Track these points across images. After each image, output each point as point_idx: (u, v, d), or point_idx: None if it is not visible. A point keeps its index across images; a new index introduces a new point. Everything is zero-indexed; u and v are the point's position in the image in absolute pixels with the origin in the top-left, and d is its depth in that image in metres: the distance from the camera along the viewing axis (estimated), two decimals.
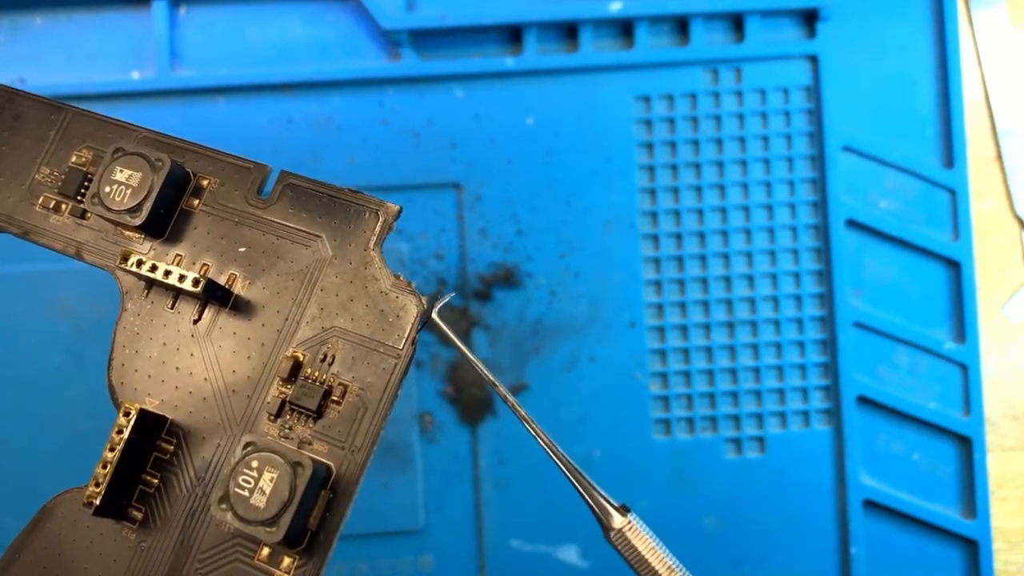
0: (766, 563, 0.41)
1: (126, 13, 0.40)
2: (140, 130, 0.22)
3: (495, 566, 0.40)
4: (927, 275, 0.41)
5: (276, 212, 0.21)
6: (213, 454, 0.19)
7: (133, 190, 0.20)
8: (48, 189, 0.22)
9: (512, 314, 0.40)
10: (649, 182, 0.41)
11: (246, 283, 0.20)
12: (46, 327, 0.39)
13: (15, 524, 0.41)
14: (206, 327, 0.20)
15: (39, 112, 0.22)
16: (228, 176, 0.21)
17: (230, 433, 0.20)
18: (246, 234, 0.21)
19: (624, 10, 0.40)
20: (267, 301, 0.20)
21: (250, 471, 0.18)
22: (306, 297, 0.20)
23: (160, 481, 0.19)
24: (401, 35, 0.39)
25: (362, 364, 0.19)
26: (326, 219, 0.20)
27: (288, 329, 0.20)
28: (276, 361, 0.20)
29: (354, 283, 0.20)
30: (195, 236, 0.21)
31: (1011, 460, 0.42)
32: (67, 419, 0.39)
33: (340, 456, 0.19)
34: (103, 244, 0.21)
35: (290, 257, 0.20)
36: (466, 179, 0.40)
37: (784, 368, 0.40)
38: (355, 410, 0.19)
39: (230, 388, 0.20)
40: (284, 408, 0.19)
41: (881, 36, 0.41)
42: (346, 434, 0.19)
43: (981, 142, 0.42)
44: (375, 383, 0.19)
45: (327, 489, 0.18)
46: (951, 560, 0.40)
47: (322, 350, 0.20)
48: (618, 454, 0.40)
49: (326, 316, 0.20)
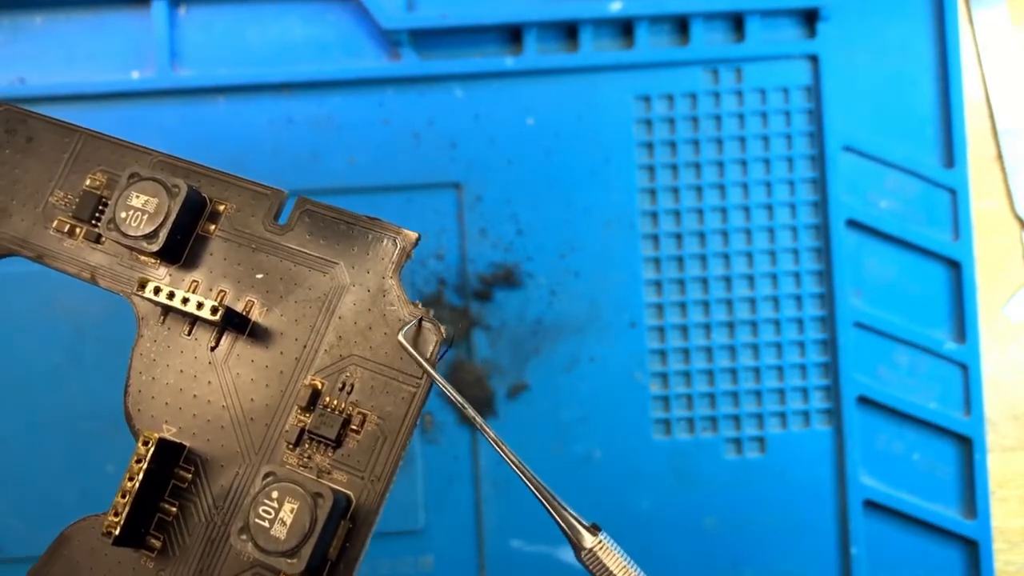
0: (766, 563, 0.41)
1: (126, 13, 0.40)
2: (155, 153, 0.21)
3: (495, 566, 0.40)
4: (927, 275, 0.41)
5: (293, 238, 0.21)
6: (232, 482, 0.19)
7: (150, 216, 0.20)
8: (62, 212, 0.21)
9: (512, 314, 0.40)
10: (649, 182, 0.41)
11: (264, 310, 0.20)
12: (46, 327, 0.39)
13: (16, 524, 0.41)
14: (224, 354, 0.20)
15: (52, 134, 0.22)
16: (245, 201, 0.21)
17: (249, 461, 0.19)
18: (263, 260, 0.20)
19: (624, 10, 0.40)
20: (285, 328, 0.20)
21: (270, 501, 0.17)
22: (324, 325, 0.20)
23: (179, 509, 0.19)
24: (401, 35, 0.39)
25: (381, 393, 0.19)
26: (344, 246, 0.20)
27: (306, 357, 0.20)
28: (294, 389, 0.20)
29: (372, 311, 0.20)
30: (212, 262, 0.21)
31: (1011, 460, 0.42)
32: (67, 419, 0.39)
33: (360, 486, 0.19)
34: (118, 269, 0.21)
35: (308, 284, 0.20)
36: (466, 179, 0.40)
37: (784, 368, 0.40)
38: (374, 439, 0.19)
39: (248, 416, 0.20)
40: (303, 437, 0.19)
41: (881, 36, 0.41)
42: (365, 463, 0.19)
43: (981, 142, 0.42)
44: (394, 412, 0.19)
45: (347, 519, 0.18)
46: (951, 560, 0.40)
47: (341, 378, 0.20)
48: (618, 454, 0.40)
49: (344, 344, 0.20)
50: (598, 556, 0.19)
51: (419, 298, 0.40)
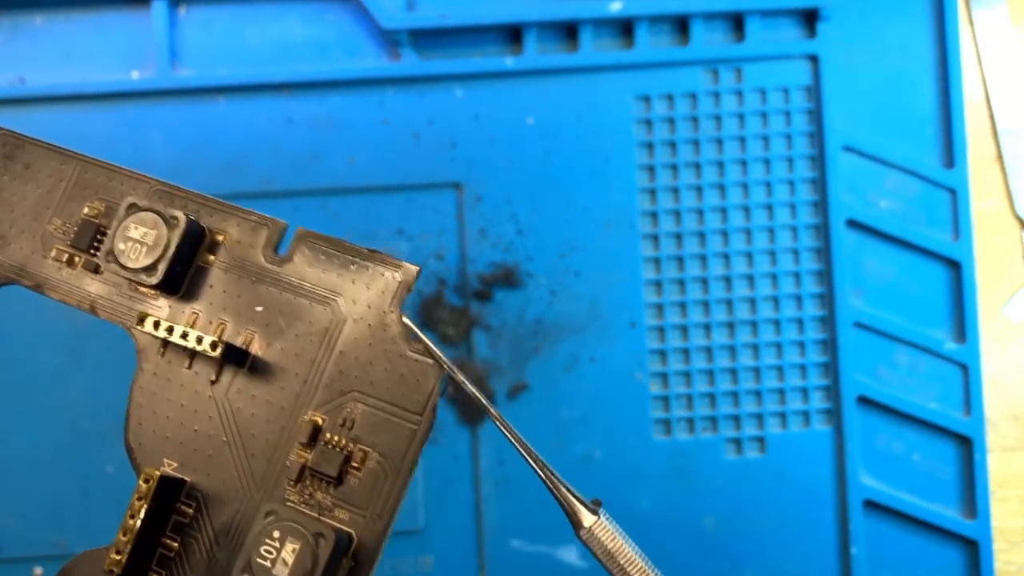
0: (766, 563, 0.41)
1: (126, 13, 0.40)
2: (153, 182, 0.21)
3: (495, 566, 0.40)
4: (927, 275, 0.41)
5: (293, 270, 0.20)
6: (234, 518, 0.19)
7: (148, 248, 0.19)
8: (60, 241, 0.21)
9: (512, 314, 0.40)
10: (649, 182, 0.41)
11: (264, 344, 0.20)
12: (46, 327, 0.39)
13: (16, 525, 0.41)
14: (224, 389, 0.20)
15: (49, 161, 0.22)
16: (244, 232, 0.21)
17: (250, 497, 0.19)
18: (263, 292, 0.20)
19: (624, 10, 0.40)
20: (286, 363, 0.20)
21: (272, 541, 0.17)
22: (325, 359, 0.20)
23: (180, 545, 0.19)
24: (401, 35, 0.39)
25: (382, 429, 0.19)
26: (344, 279, 0.20)
27: (307, 392, 0.20)
28: (295, 425, 0.19)
29: (373, 346, 0.20)
30: (211, 294, 0.20)
31: (1011, 460, 0.42)
32: (67, 419, 0.39)
33: (361, 524, 0.19)
34: (117, 299, 0.21)
35: (308, 318, 0.20)
36: (466, 179, 0.40)
37: (784, 368, 0.40)
38: (375, 477, 0.19)
39: (249, 451, 0.20)
40: (304, 473, 0.19)
41: (881, 36, 0.41)
42: (367, 501, 0.19)
43: (981, 142, 0.42)
44: (395, 449, 0.19)
45: (349, 557, 0.18)
46: (951, 560, 0.40)
47: (342, 414, 0.19)
48: (618, 454, 0.40)
49: (345, 379, 0.20)
50: (597, 535, 0.19)
51: (419, 298, 0.40)
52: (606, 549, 0.19)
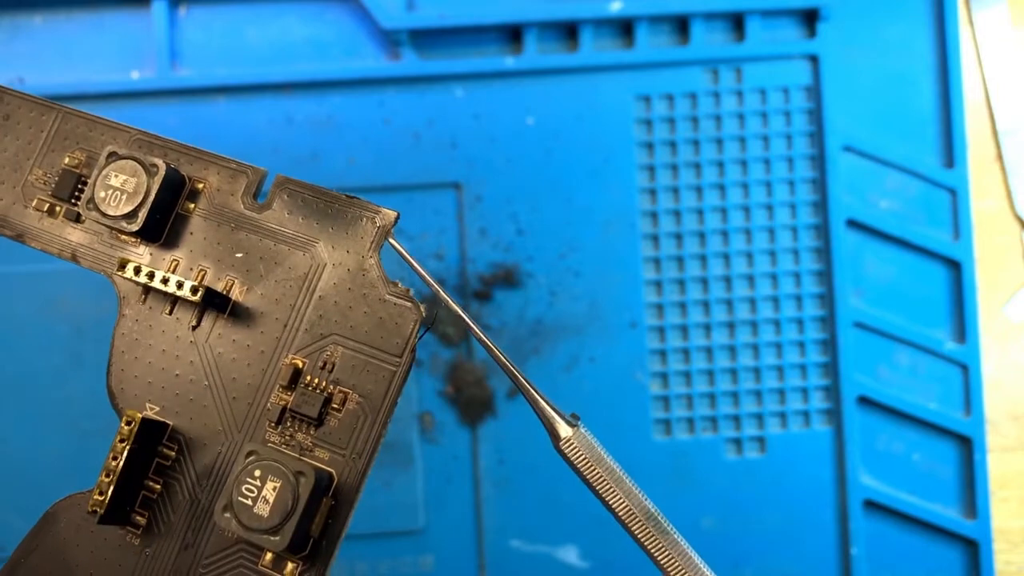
0: (766, 563, 0.40)
1: (126, 13, 0.40)
2: (132, 131, 0.21)
3: (495, 566, 0.40)
4: (927, 275, 0.41)
5: (273, 217, 0.21)
6: (215, 460, 0.20)
7: (128, 195, 0.20)
8: (41, 191, 0.21)
9: (512, 314, 0.40)
10: (649, 182, 0.41)
11: (244, 289, 0.20)
12: (46, 327, 0.39)
13: (17, 523, 0.41)
14: (205, 333, 0.20)
15: (29, 112, 0.22)
16: (224, 179, 0.21)
17: (232, 439, 0.20)
18: (243, 239, 0.20)
19: (624, 10, 0.40)
20: (266, 307, 0.20)
21: (253, 480, 0.18)
22: (305, 304, 0.20)
23: (163, 487, 0.19)
24: (401, 35, 0.39)
25: (362, 371, 0.19)
26: (323, 224, 0.20)
27: (287, 336, 0.20)
28: (276, 368, 0.20)
29: (352, 290, 0.20)
30: (192, 241, 0.21)
31: (1012, 460, 0.42)
32: (67, 419, 0.39)
33: (341, 463, 0.19)
34: (99, 248, 0.21)
35: (288, 263, 0.20)
36: (466, 179, 0.40)
37: (784, 368, 0.40)
38: (355, 417, 0.19)
39: (231, 395, 0.20)
40: (285, 415, 0.19)
41: (881, 36, 0.41)
42: (347, 441, 0.19)
43: (981, 142, 0.42)
44: (375, 390, 0.19)
45: (329, 496, 0.19)
46: (951, 560, 0.40)
47: (321, 357, 0.20)
48: (618, 454, 0.40)
49: (325, 323, 0.20)
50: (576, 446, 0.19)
51: (419, 299, 0.40)
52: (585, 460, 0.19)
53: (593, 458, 0.19)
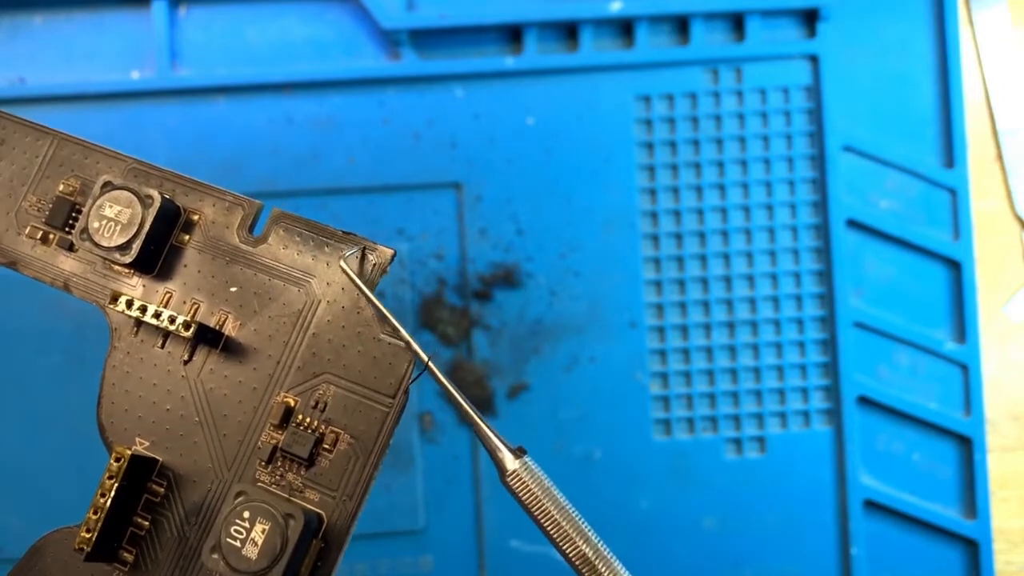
0: (766, 563, 0.40)
1: (126, 13, 0.40)
2: (128, 160, 0.21)
3: (495, 566, 0.40)
4: (927, 275, 0.41)
5: (268, 251, 0.20)
6: (204, 498, 0.19)
7: (123, 226, 0.19)
8: (35, 219, 0.21)
9: (512, 314, 0.40)
10: (649, 182, 0.41)
11: (237, 324, 0.20)
12: (46, 327, 0.39)
13: (16, 524, 0.41)
14: (197, 368, 0.20)
15: (24, 137, 0.21)
16: (219, 212, 0.21)
17: (221, 477, 0.19)
18: (237, 273, 0.20)
19: (624, 10, 0.40)
20: (259, 344, 0.20)
21: (242, 521, 0.18)
22: (298, 341, 0.20)
23: (151, 524, 0.19)
24: (401, 35, 0.39)
25: (354, 412, 0.19)
26: (318, 260, 0.20)
27: (280, 374, 0.20)
28: (268, 406, 0.19)
29: (347, 328, 0.20)
30: (185, 273, 0.20)
31: (1012, 460, 0.42)
32: (67, 419, 0.39)
33: (331, 505, 0.19)
34: (92, 278, 0.21)
35: (282, 299, 0.20)
36: (466, 179, 0.40)
37: (784, 368, 0.40)
38: (347, 459, 0.19)
39: (221, 432, 0.20)
40: (275, 454, 0.19)
41: (881, 36, 0.41)
42: (337, 483, 0.19)
43: (981, 142, 0.42)
44: (367, 431, 0.19)
45: (319, 539, 0.18)
46: (951, 560, 0.40)
47: (314, 396, 0.19)
48: (618, 454, 0.40)
49: (318, 361, 0.20)
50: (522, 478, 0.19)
51: (419, 298, 0.40)
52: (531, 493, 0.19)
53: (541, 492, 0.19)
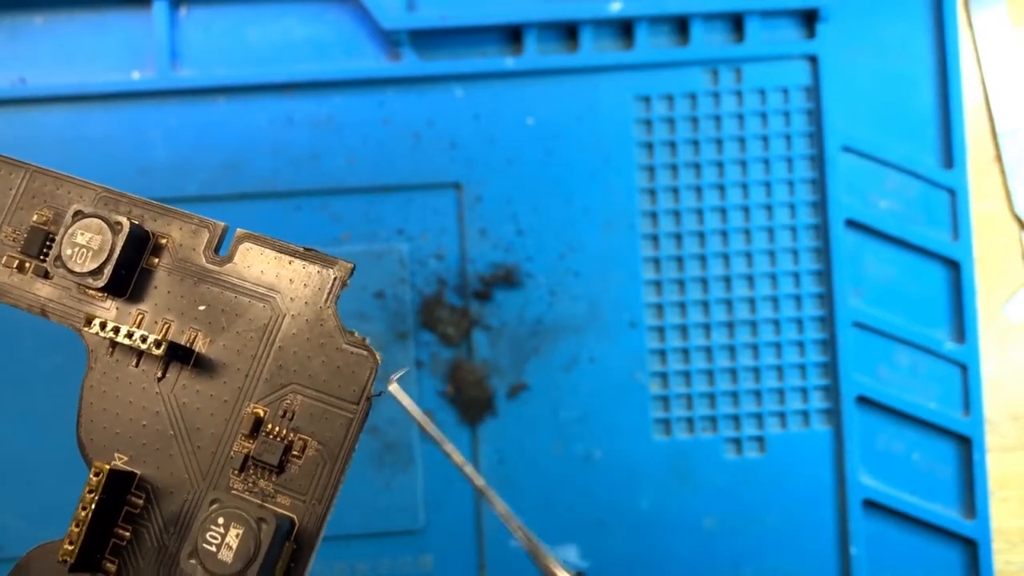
0: (766, 563, 0.41)
1: (126, 13, 0.40)
2: (98, 189, 0.22)
3: (495, 566, 0.40)
4: (927, 275, 0.41)
5: (233, 270, 0.21)
6: (182, 507, 0.20)
7: (94, 252, 0.20)
8: (11, 248, 0.22)
9: (512, 314, 0.40)
10: (649, 182, 0.41)
11: (207, 341, 0.21)
12: (46, 327, 0.39)
13: (16, 523, 0.41)
14: (171, 385, 0.21)
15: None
16: (186, 235, 0.21)
17: (197, 487, 0.20)
18: (205, 292, 0.21)
19: (624, 10, 0.40)
20: (228, 359, 0.21)
21: (217, 527, 0.18)
22: (265, 354, 0.21)
23: (132, 534, 0.20)
24: (401, 35, 0.39)
25: (320, 419, 0.20)
26: (282, 277, 0.21)
27: (249, 386, 0.20)
28: (238, 417, 0.20)
29: (311, 340, 0.20)
30: (156, 295, 0.21)
31: (1011, 460, 0.42)
32: (67, 419, 0.39)
33: (302, 509, 0.20)
34: (67, 303, 0.22)
35: (249, 315, 0.21)
36: (466, 179, 0.40)
37: (784, 368, 0.40)
38: (315, 464, 0.20)
39: (195, 444, 0.20)
40: (247, 463, 0.20)
41: (881, 36, 0.41)
42: (307, 487, 0.20)
43: (981, 143, 0.42)
44: (333, 437, 0.20)
45: (291, 541, 0.19)
46: (951, 560, 0.40)
47: (282, 406, 0.20)
48: (618, 454, 0.40)
49: (285, 373, 0.20)
50: None
51: (419, 298, 0.40)
52: None
53: None
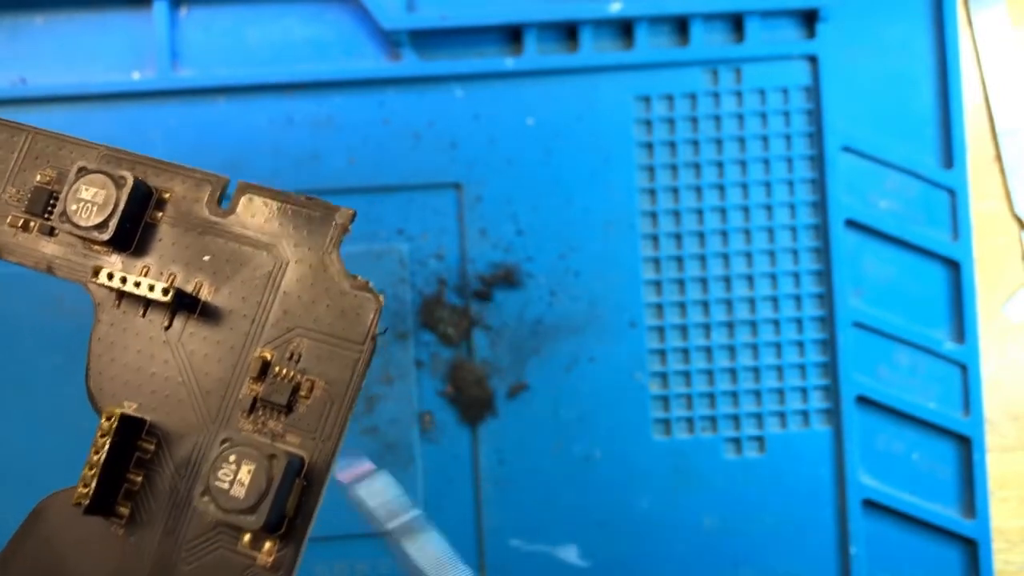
0: (766, 563, 0.41)
1: (127, 13, 0.40)
2: (100, 148, 0.22)
3: (495, 566, 0.40)
4: (927, 275, 0.41)
5: (236, 221, 0.22)
6: (192, 451, 0.20)
7: (99, 207, 0.21)
8: (15, 208, 0.22)
9: (512, 314, 0.40)
10: (649, 182, 0.41)
11: (212, 289, 0.21)
12: (46, 327, 0.39)
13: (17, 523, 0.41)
14: (177, 333, 0.21)
15: (1, 134, 0.23)
16: (189, 188, 0.22)
17: (207, 431, 0.21)
18: (209, 243, 0.21)
19: (624, 10, 0.40)
20: (234, 306, 0.21)
21: (228, 464, 0.19)
22: (270, 300, 0.21)
23: (144, 479, 0.21)
24: (401, 35, 0.39)
25: (327, 360, 0.20)
26: (284, 225, 0.21)
27: (255, 331, 0.21)
28: (246, 361, 0.21)
29: (315, 285, 0.21)
30: (161, 247, 0.22)
31: (1011, 460, 0.42)
32: (67, 419, 0.39)
33: (312, 446, 0.20)
34: (73, 259, 0.22)
35: (253, 263, 0.21)
36: (466, 179, 0.40)
37: (783, 368, 0.40)
38: (322, 404, 0.20)
39: (204, 390, 0.21)
40: (256, 405, 0.20)
41: (881, 36, 0.41)
42: (316, 426, 0.20)
43: (981, 143, 0.42)
44: (339, 377, 0.20)
45: (301, 477, 0.20)
46: (950, 560, 0.40)
47: (288, 349, 0.21)
48: (618, 454, 0.40)
49: (290, 317, 0.21)
50: None
51: (419, 298, 0.40)
52: None
53: None
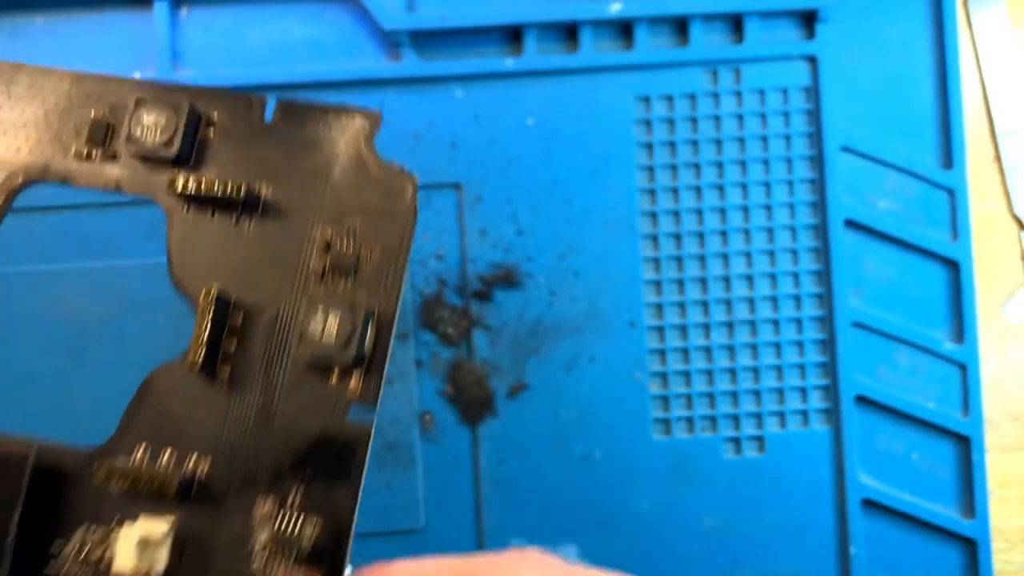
0: (766, 563, 0.41)
1: (127, 14, 0.40)
2: (144, 83, 0.25)
3: None
4: (926, 275, 0.41)
5: (280, 132, 0.25)
6: (277, 318, 0.24)
7: (162, 128, 0.24)
8: (77, 141, 0.25)
9: (512, 314, 0.40)
10: (649, 182, 0.41)
11: (270, 189, 0.24)
12: (46, 327, 0.39)
13: None
14: (246, 228, 0.24)
15: (48, 80, 0.25)
16: (235, 107, 0.25)
17: (287, 298, 0.24)
18: (259, 152, 0.25)
19: (624, 11, 0.40)
20: (291, 200, 0.24)
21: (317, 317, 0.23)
22: (322, 193, 0.24)
23: (237, 344, 0.24)
24: (401, 35, 0.40)
25: (380, 231, 0.24)
26: (323, 130, 0.25)
27: (314, 218, 0.24)
28: (311, 241, 0.24)
29: (359, 174, 0.25)
30: (217, 160, 0.25)
31: (1010, 460, 0.42)
32: (67, 419, 0.39)
33: (377, 299, 0.24)
34: (139, 177, 0.25)
35: (304, 164, 0.25)
36: (466, 179, 0.40)
37: (783, 368, 0.40)
38: (381, 264, 0.24)
39: (279, 268, 0.24)
40: (326, 272, 0.24)
41: (881, 37, 0.41)
42: (379, 282, 0.24)
43: (980, 143, 0.43)
44: (392, 242, 0.24)
45: (373, 325, 0.23)
46: (950, 559, 0.40)
47: (345, 226, 0.24)
48: (618, 454, 0.40)
49: (342, 204, 0.24)
50: None
51: (419, 298, 0.40)
52: None
53: None
